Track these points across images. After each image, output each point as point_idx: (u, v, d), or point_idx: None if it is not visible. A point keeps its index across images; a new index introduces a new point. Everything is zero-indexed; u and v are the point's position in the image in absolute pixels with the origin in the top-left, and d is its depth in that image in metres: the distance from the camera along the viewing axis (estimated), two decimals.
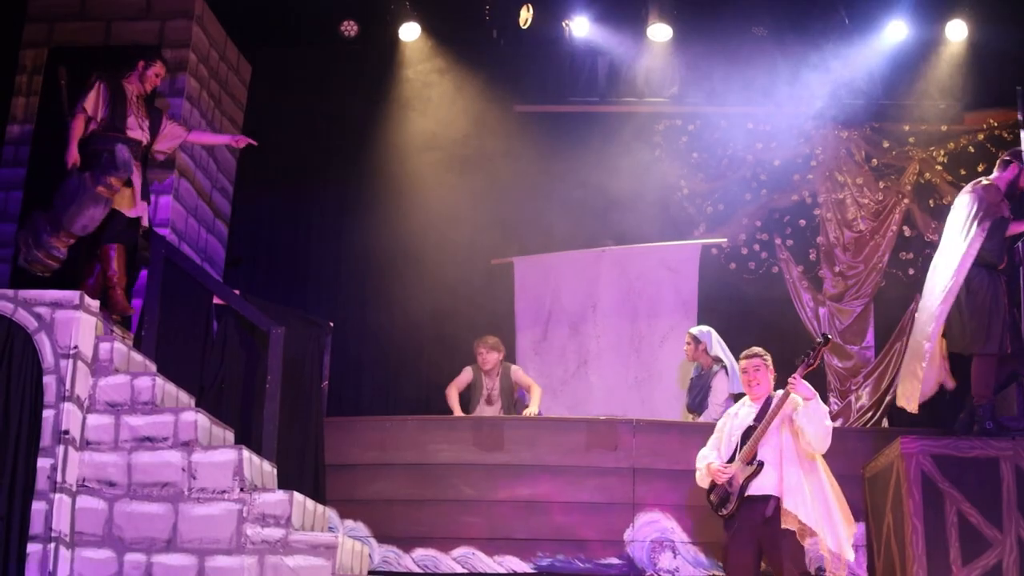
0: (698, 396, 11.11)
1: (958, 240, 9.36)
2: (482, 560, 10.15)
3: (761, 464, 8.58)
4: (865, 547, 9.93)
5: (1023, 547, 8.43)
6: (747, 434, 8.72)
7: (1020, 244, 9.99)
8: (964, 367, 9.68)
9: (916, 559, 8.46)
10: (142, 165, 9.87)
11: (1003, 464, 8.58)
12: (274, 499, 8.15)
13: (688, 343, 11.21)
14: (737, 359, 9.22)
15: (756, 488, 8.58)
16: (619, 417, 10.90)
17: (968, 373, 9.53)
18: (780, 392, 8.82)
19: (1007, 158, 9.64)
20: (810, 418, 8.60)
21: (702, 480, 8.85)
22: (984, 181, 9.56)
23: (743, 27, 12.72)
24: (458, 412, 11.25)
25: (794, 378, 8.65)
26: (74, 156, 9.49)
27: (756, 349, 9.01)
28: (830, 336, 9.10)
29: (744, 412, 8.90)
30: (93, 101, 9.64)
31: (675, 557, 10.11)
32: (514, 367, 11.53)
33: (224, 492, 8.13)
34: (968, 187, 9.61)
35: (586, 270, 12.83)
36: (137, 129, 9.80)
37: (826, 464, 8.69)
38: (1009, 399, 10.02)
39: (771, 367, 8.93)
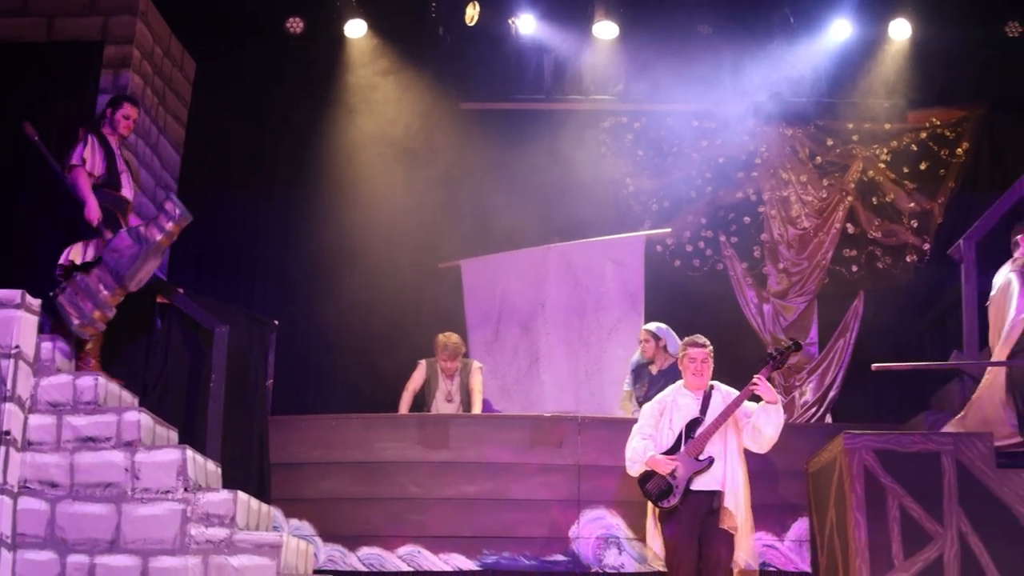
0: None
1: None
2: (428, 558, 10.15)
3: (711, 461, 8.66)
4: (808, 542, 10.00)
5: (964, 541, 8.49)
6: (690, 426, 8.77)
7: (962, 242, 10.09)
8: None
9: (859, 553, 8.52)
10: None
11: (944, 458, 8.64)
12: (218, 499, 8.12)
13: (647, 340, 11.06)
14: (680, 346, 9.21)
15: (702, 483, 8.67)
16: (564, 414, 10.92)
17: None
18: (718, 386, 8.90)
19: (1015, 238, 9.52)
20: (770, 420, 8.72)
21: (636, 469, 8.89)
22: (1017, 259, 9.43)
23: (688, 25, 12.78)
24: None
25: (759, 379, 8.72)
26: (96, 211, 9.25)
27: (704, 339, 9.05)
28: (801, 343, 9.15)
29: (685, 403, 8.94)
30: (90, 156, 9.42)
31: (620, 554, 10.14)
32: (476, 366, 11.43)
33: (168, 492, 8.10)
34: (1008, 268, 9.46)
35: (533, 268, 12.84)
36: (127, 187, 9.68)
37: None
38: (951, 394, 10.12)
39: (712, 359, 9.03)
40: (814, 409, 12.47)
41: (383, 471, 10.35)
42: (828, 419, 12.48)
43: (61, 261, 9.23)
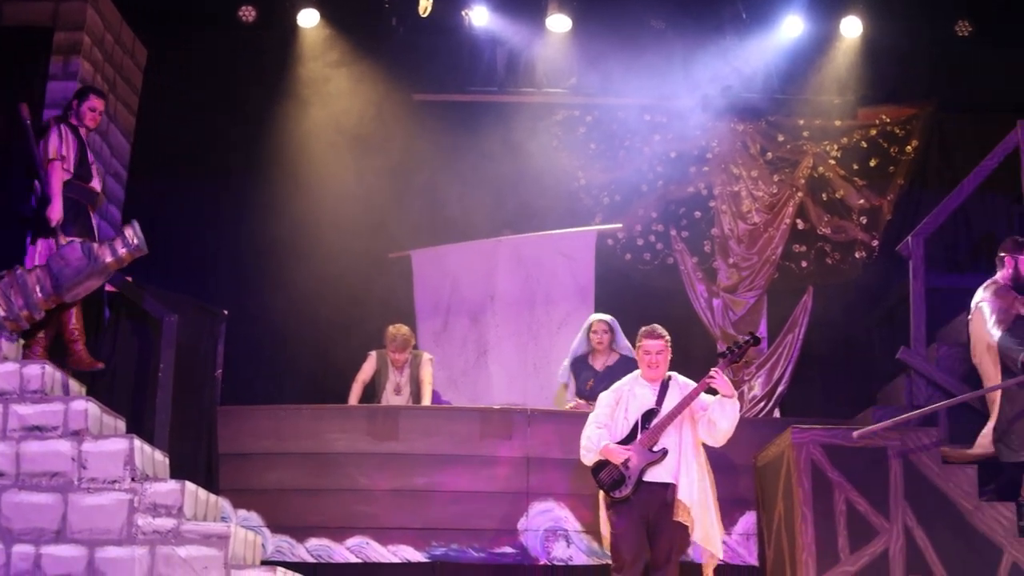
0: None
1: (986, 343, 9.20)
2: (376, 550, 10.13)
3: (665, 452, 8.60)
4: (756, 536, 10.05)
5: (909, 535, 8.59)
6: (645, 416, 8.73)
7: (910, 239, 10.15)
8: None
9: (805, 547, 8.59)
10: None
11: (891, 454, 8.74)
12: (166, 489, 8.06)
13: (606, 331, 10.99)
14: (637, 336, 9.12)
15: (655, 475, 8.59)
16: (514, 406, 10.93)
17: None
18: (676, 377, 8.88)
19: (1000, 255, 9.34)
20: (726, 414, 8.64)
21: (590, 458, 8.81)
22: (996, 281, 9.23)
23: (641, 19, 12.82)
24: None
25: (716, 372, 8.64)
26: (59, 213, 9.21)
27: (661, 330, 8.95)
28: (760, 337, 9.14)
29: (641, 392, 8.86)
30: (65, 147, 9.36)
31: (568, 546, 10.15)
32: (426, 358, 11.41)
33: (115, 482, 8.03)
34: (983, 290, 9.27)
35: (484, 260, 12.85)
36: (96, 178, 9.62)
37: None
38: (898, 390, 10.19)
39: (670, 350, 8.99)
40: (763, 403, 12.54)
41: (332, 462, 10.32)
42: (776, 413, 12.54)
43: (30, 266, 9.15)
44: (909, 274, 10.10)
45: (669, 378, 8.91)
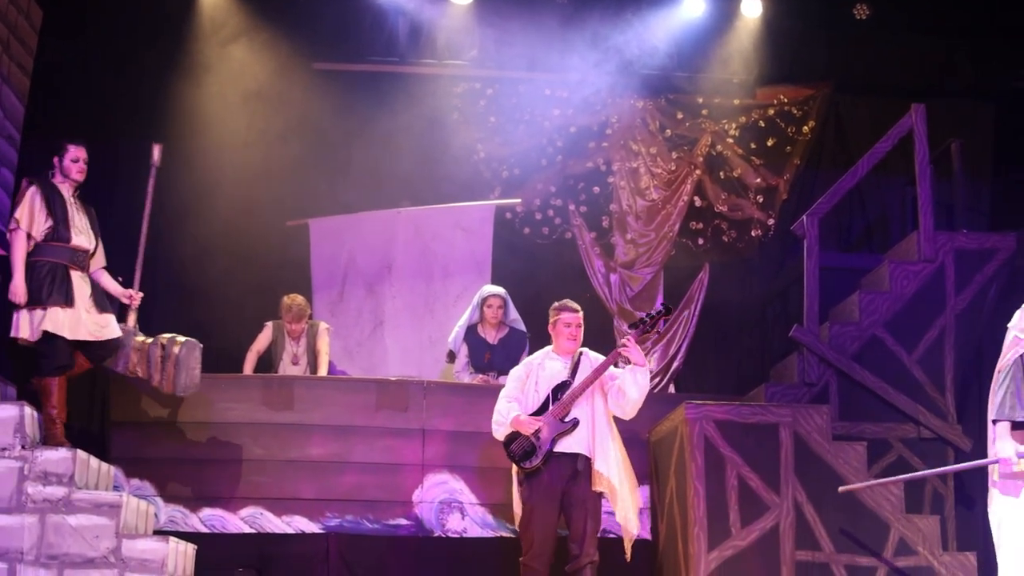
0: (506, 361, 10.85)
1: None
2: (270, 520, 10.09)
3: (576, 423, 8.53)
4: (649, 510, 10.14)
5: (799, 510, 8.73)
6: (558, 389, 8.69)
7: (805, 218, 10.30)
8: None
9: (697, 522, 8.70)
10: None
11: (782, 430, 8.87)
12: (57, 457, 8.00)
13: (501, 306, 11.07)
14: (553, 310, 9.05)
15: (566, 446, 8.53)
16: (410, 378, 10.93)
17: None
18: (587, 352, 8.85)
19: None
20: (637, 384, 8.56)
21: (502, 432, 8.74)
22: None
23: None
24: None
25: (629, 340, 8.59)
26: (20, 293, 8.64)
27: (576, 303, 8.94)
28: (672, 308, 9.15)
29: (552, 365, 8.83)
30: (28, 214, 8.81)
31: (463, 518, 10.19)
32: (322, 327, 11.33)
33: (4, 449, 7.96)
34: None
35: (382, 231, 12.82)
36: (82, 235, 9.10)
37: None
38: (790, 367, 10.34)
39: None
40: (658, 379, 12.65)
41: (226, 432, 10.24)
42: (671, 389, 12.68)
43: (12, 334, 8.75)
44: (803, 253, 10.26)
45: (580, 353, 8.88)
